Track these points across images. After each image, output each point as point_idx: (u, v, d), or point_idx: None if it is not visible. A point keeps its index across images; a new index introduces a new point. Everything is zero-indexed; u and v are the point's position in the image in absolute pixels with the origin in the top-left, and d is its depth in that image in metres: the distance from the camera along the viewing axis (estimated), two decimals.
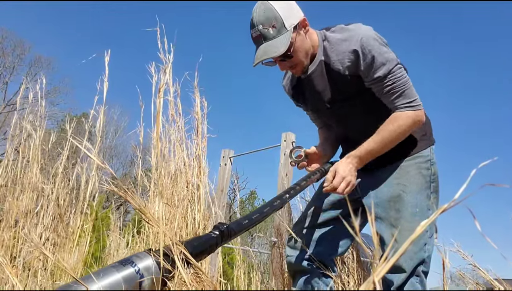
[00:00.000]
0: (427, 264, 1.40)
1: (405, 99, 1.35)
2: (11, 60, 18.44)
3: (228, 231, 1.13)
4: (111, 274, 0.91)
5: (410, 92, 1.36)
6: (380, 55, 1.32)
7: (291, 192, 1.37)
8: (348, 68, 1.36)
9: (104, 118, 2.05)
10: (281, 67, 1.44)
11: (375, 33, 1.35)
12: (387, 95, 1.37)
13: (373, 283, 0.38)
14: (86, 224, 2.22)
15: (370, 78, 1.35)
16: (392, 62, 1.33)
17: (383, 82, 1.34)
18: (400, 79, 1.34)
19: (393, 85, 1.34)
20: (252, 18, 1.34)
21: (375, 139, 1.37)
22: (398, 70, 1.34)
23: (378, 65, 1.32)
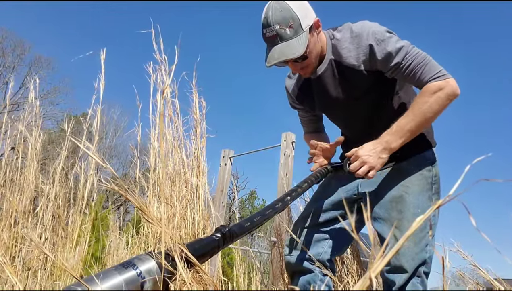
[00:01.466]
0: (428, 265, 1.40)
1: (431, 72, 1.30)
2: (11, 60, 18.46)
3: (230, 233, 1.13)
4: (113, 276, 0.90)
5: (432, 65, 1.31)
6: (393, 43, 1.31)
7: (293, 194, 1.37)
8: (364, 63, 1.36)
9: (101, 118, 2.05)
10: (293, 68, 1.43)
11: (382, 26, 1.35)
12: (411, 77, 1.33)
13: (370, 279, 0.38)
14: (85, 224, 2.22)
15: (389, 67, 1.34)
16: (405, 45, 1.32)
17: (402, 65, 1.32)
18: (417, 56, 1.31)
19: (413, 64, 1.31)
20: (267, 17, 1.31)
21: (407, 114, 1.32)
22: (413, 49, 1.33)
23: (394, 52, 1.31)
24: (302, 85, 1.57)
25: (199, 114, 1.79)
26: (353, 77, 1.40)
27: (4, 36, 18.11)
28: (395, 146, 1.33)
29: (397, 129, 1.32)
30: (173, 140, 1.76)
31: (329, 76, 1.44)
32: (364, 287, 0.39)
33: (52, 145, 2.52)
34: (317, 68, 1.44)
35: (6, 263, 1.10)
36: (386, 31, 1.34)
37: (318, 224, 1.57)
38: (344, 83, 1.43)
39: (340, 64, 1.41)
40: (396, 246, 0.41)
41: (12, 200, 2.05)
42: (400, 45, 1.31)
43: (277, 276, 2.85)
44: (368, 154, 1.33)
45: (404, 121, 1.31)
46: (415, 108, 1.31)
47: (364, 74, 1.37)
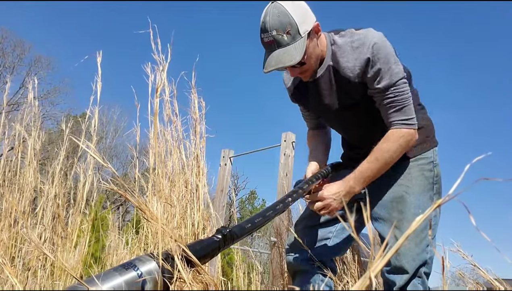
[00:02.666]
0: (429, 265, 1.40)
1: (402, 116, 1.34)
2: (11, 60, 18.45)
3: (230, 234, 1.13)
4: (114, 277, 0.91)
5: (408, 109, 1.34)
6: (388, 66, 1.30)
7: (294, 196, 1.37)
8: (358, 76, 1.35)
9: (100, 118, 2.05)
10: (292, 73, 1.41)
11: (385, 40, 1.33)
12: (386, 108, 1.35)
13: (369, 278, 0.38)
14: (85, 223, 2.21)
15: (373, 87, 1.34)
16: (397, 75, 1.31)
17: (384, 93, 1.33)
18: (402, 94, 1.33)
19: (393, 99, 1.33)
20: (264, 22, 1.29)
21: (369, 160, 1.36)
22: (402, 85, 1.33)
23: (383, 76, 1.31)
24: (298, 84, 1.57)
25: (198, 114, 1.79)
26: (348, 88, 1.39)
27: (4, 36, 18.12)
28: (358, 190, 1.40)
29: (360, 175, 1.37)
30: (172, 140, 1.76)
31: (325, 81, 1.43)
32: (363, 286, 0.39)
33: (52, 145, 2.51)
34: (317, 71, 1.43)
35: (5, 264, 1.10)
36: (386, 48, 1.31)
37: (319, 224, 1.56)
38: (339, 91, 1.42)
39: (337, 72, 1.39)
40: (396, 246, 0.40)
41: (12, 200, 2.05)
42: (391, 72, 1.31)
43: (277, 276, 2.84)
44: (332, 197, 1.39)
45: (366, 167, 1.37)
46: (378, 155, 1.35)
47: (358, 87, 1.37)
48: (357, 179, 1.37)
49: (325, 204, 1.39)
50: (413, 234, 1.37)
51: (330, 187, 1.41)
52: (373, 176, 1.38)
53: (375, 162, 1.35)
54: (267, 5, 1.32)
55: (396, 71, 1.31)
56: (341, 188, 1.39)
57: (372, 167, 1.36)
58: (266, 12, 1.30)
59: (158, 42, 1.59)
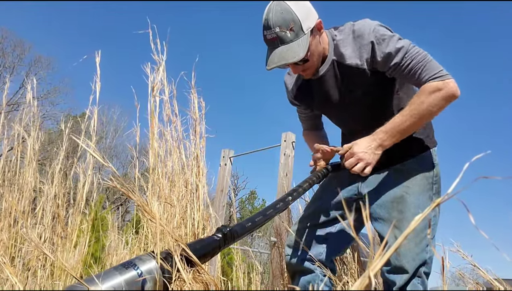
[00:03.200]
0: (428, 265, 1.40)
1: (430, 72, 1.28)
2: (11, 60, 18.44)
3: (231, 233, 1.13)
4: (114, 276, 0.91)
5: (432, 65, 1.29)
6: (393, 42, 1.30)
7: (294, 194, 1.37)
8: (366, 62, 1.34)
9: (99, 118, 2.05)
10: (294, 70, 1.41)
11: (383, 25, 1.34)
12: (410, 76, 1.32)
13: (369, 278, 0.38)
14: (84, 223, 2.21)
15: (388, 66, 1.33)
16: (405, 45, 1.31)
17: (401, 64, 1.31)
18: (418, 55, 1.30)
19: (412, 63, 1.30)
20: (267, 18, 1.29)
21: (403, 113, 1.31)
22: (413, 48, 1.31)
23: (393, 52, 1.30)
24: (301, 85, 1.56)
25: (198, 114, 1.79)
26: (355, 78, 1.39)
27: (4, 36, 18.11)
28: (388, 143, 1.33)
29: (392, 127, 1.31)
30: (171, 140, 1.76)
31: (330, 77, 1.43)
32: (363, 286, 0.39)
33: (52, 145, 2.52)
34: (319, 69, 1.43)
35: (6, 263, 1.10)
36: (387, 29, 1.33)
37: (319, 224, 1.56)
38: (345, 84, 1.42)
39: (341, 65, 1.39)
40: (395, 245, 0.40)
41: (12, 200, 2.05)
42: (400, 45, 1.30)
43: (277, 276, 2.84)
44: (363, 151, 1.33)
45: (399, 120, 1.31)
46: (411, 108, 1.30)
47: (367, 73, 1.36)
48: (388, 131, 1.32)
49: (358, 158, 1.33)
50: (413, 234, 1.37)
51: (359, 142, 1.36)
52: (405, 130, 1.32)
53: (409, 115, 1.29)
54: (270, 2, 1.32)
55: (402, 42, 1.31)
56: (371, 141, 1.34)
57: (406, 120, 1.30)
58: (269, 9, 1.30)
59: (157, 42, 1.59)
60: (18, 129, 2.22)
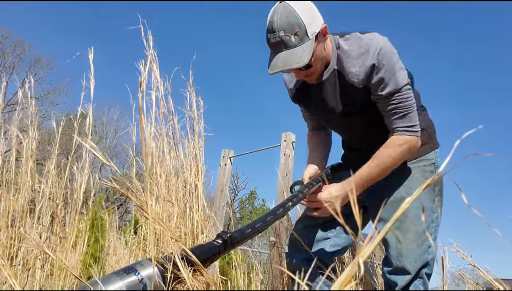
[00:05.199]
0: (430, 266, 1.40)
1: (406, 123, 1.33)
2: (11, 60, 18.45)
3: (231, 239, 1.13)
4: (114, 281, 0.91)
5: (412, 116, 1.33)
6: (392, 73, 1.29)
7: (294, 200, 1.37)
8: (362, 81, 1.33)
9: (98, 118, 2.04)
10: (297, 76, 1.39)
11: (391, 46, 1.31)
12: (389, 114, 1.34)
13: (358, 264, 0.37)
14: (82, 223, 2.21)
15: (377, 94, 1.32)
16: (402, 82, 1.30)
17: (388, 100, 1.32)
18: (406, 101, 1.31)
19: (397, 105, 1.31)
20: (272, 21, 1.25)
21: (370, 165, 1.36)
22: (406, 91, 1.31)
23: (388, 83, 1.29)
24: (300, 86, 1.55)
25: (196, 113, 1.78)
26: (353, 93, 1.38)
27: (4, 36, 18.12)
28: (357, 194, 1.40)
29: (360, 179, 1.37)
30: (168, 139, 1.75)
31: (330, 85, 1.42)
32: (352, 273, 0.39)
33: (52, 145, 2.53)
34: (322, 74, 1.41)
35: (5, 265, 1.10)
36: (391, 54, 1.29)
37: (319, 224, 1.56)
38: (343, 96, 1.41)
39: (342, 76, 1.38)
40: (384, 229, 0.40)
41: (10, 199, 2.04)
42: (396, 79, 1.29)
43: (277, 276, 2.84)
44: (330, 201, 1.39)
45: (366, 172, 1.36)
46: (378, 160, 1.35)
47: (362, 92, 1.35)
48: (357, 183, 1.37)
49: (322, 206, 1.39)
50: (415, 235, 1.37)
51: (328, 189, 1.40)
52: (372, 181, 1.37)
53: (376, 167, 1.35)
54: (275, 5, 1.28)
55: (400, 78, 1.30)
56: (340, 191, 1.39)
57: (373, 172, 1.35)
58: (274, 11, 1.26)
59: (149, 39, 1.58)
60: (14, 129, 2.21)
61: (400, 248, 1.37)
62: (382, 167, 1.35)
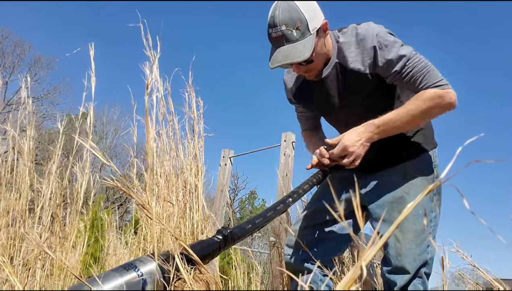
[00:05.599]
0: (429, 266, 1.40)
1: (431, 81, 1.28)
2: (11, 60, 18.44)
3: (231, 235, 1.13)
4: (114, 278, 0.91)
5: (433, 73, 1.29)
6: (395, 49, 1.29)
7: (294, 196, 1.36)
8: (369, 66, 1.33)
9: (99, 117, 2.04)
10: (297, 71, 1.39)
11: (386, 30, 1.33)
12: (411, 84, 1.31)
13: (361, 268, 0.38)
14: (82, 223, 2.21)
15: (389, 73, 1.32)
16: (407, 50, 1.30)
17: (403, 71, 1.30)
18: (419, 63, 1.29)
19: (413, 71, 1.29)
20: (273, 16, 1.26)
21: (398, 111, 1.30)
22: (416, 55, 1.30)
23: (395, 59, 1.29)
24: (301, 84, 1.55)
25: (196, 113, 1.79)
26: (357, 82, 1.37)
27: (4, 36, 18.11)
28: (378, 137, 1.33)
29: (385, 122, 1.31)
30: (168, 140, 1.75)
31: (332, 80, 1.42)
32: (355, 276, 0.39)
33: (53, 145, 2.53)
34: (322, 70, 1.41)
35: (5, 263, 1.10)
36: (390, 34, 1.32)
37: (318, 224, 1.56)
38: (347, 88, 1.41)
39: (344, 68, 1.38)
40: (387, 234, 0.40)
41: (10, 199, 2.04)
42: (402, 52, 1.29)
43: (277, 276, 2.84)
44: (353, 144, 1.32)
45: (393, 117, 1.30)
46: (408, 108, 1.29)
47: (369, 78, 1.35)
48: (380, 126, 1.31)
49: (348, 151, 1.33)
50: (414, 235, 1.37)
51: (349, 134, 1.34)
52: (397, 128, 1.32)
53: (404, 114, 1.29)
54: (276, 1, 1.29)
55: (404, 48, 1.30)
56: (362, 133, 1.33)
57: (400, 118, 1.29)
58: (276, 6, 1.27)
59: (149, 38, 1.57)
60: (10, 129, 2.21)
61: (399, 248, 1.37)
62: (411, 115, 1.28)
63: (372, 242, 0.40)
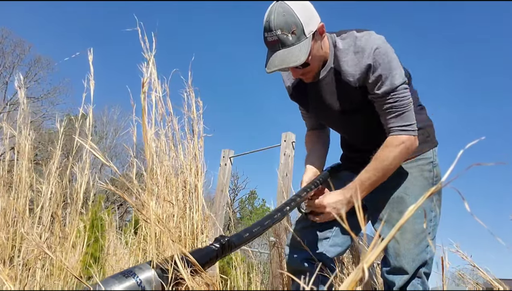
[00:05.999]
0: (428, 266, 1.40)
1: (402, 122, 1.32)
2: (11, 60, 18.45)
3: (228, 244, 1.13)
4: (113, 285, 0.91)
5: (408, 115, 1.32)
6: (389, 72, 1.28)
7: (292, 204, 1.37)
8: (359, 80, 1.33)
9: (98, 118, 2.04)
10: (294, 74, 1.39)
11: (387, 45, 1.31)
12: (385, 113, 1.34)
13: (362, 270, 0.37)
14: (82, 223, 2.21)
15: (373, 92, 1.32)
16: (398, 81, 1.29)
17: (385, 98, 1.31)
18: (402, 100, 1.30)
19: (393, 104, 1.31)
20: (269, 20, 1.25)
21: (368, 169, 1.35)
22: (402, 90, 1.31)
23: (384, 82, 1.29)
24: (297, 85, 1.54)
25: (196, 114, 1.79)
26: (349, 92, 1.37)
27: (4, 36, 18.12)
28: (357, 199, 1.38)
29: (360, 185, 1.36)
30: (167, 140, 1.75)
31: (328, 83, 1.41)
32: (357, 278, 0.39)
33: (53, 145, 2.53)
34: (319, 72, 1.41)
35: (3, 268, 1.10)
36: (388, 53, 1.29)
37: (318, 224, 1.56)
38: (340, 95, 1.40)
39: (339, 75, 1.38)
40: (388, 237, 0.40)
41: (10, 199, 2.04)
42: (392, 81, 1.29)
43: (277, 276, 2.84)
44: (332, 206, 1.38)
45: (365, 177, 1.35)
46: (377, 163, 1.33)
47: (358, 91, 1.35)
48: (358, 189, 1.36)
49: (324, 211, 1.39)
50: (413, 235, 1.37)
51: (331, 195, 1.40)
52: (373, 185, 1.36)
53: (374, 171, 1.34)
54: (272, 4, 1.28)
55: (396, 77, 1.29)
56: (341, 197, 1.38)
57: (372, 175, 1.34)
58: (271, 10, 1.26)
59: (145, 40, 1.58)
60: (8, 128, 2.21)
61: (397, 248, 1.37)
62: (381, 170, 1.33)
63: (373, 245, 0.40)
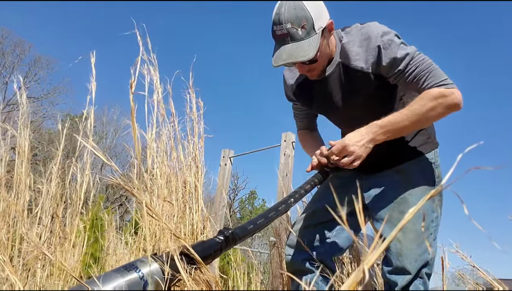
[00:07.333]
0: (430, 266, 1.40)
1: (435, 80, 1.26)
2: (11, 60, 18.44)
3: (232, 236, 1.12)
4: (115, 279, 0.91)
5: (437, 73, 1.27)
6: (399, 48, 1.28)
7: (296, 196, 1.36)
8: (372, 65, 1.31)
9: (98, 118, 2.04)
10: (300, 70, 1.38)
11: (391, 30, 1.32)
12: (414, 83, 1.29)
13: (363, 271, 0.37)
14: (82, 223, 2.21)
15: (392, 73, 1.31)
16: (411, 52, 1.29)
17: (406, 70, 1.28)
18: (423, 63, 1.28)
19: (417, 70, 1.28)
20: (279, 13, 1.24)
21: (403, 112, 1.28)
22: (419, 55, 1.29)
23: (398, 58, 1.28)
24: (302, 82, 1.54)
25: (196, 114, 1.79)
26: (359, 81, 1.36)
27: (4, 36, 18.11)
28: (381, 139, 1.31)
29: (388, 124, 1.29)
30: (168, 141, 1.76)
31: (335, 79, 1.41)
32: (357, 279, 0.39)
33: (53, 145, 2.53)
34: (324, 70, 1.40)
35: (6, 262, 1.10)
36: (395, 35, 1.31)
37: (319, 224, 1.56)
38: (349, 87, 1.40)
39: (347, 67, 1.37)
40: (389, 238, 0.40)
41: (10, 200, 2.04)
42: (405, 51, 1.28)
43: (277, 276, 2.84)
44: (355, 144, 1.31)
45: (397, 118, 1.29)
46: (412, 108, 1.28)
47: (371, 77, 1.34)
48: (383, 127, 1.30)
49: (348, 151, 1.31)
50: (415, 235, 1.37)
51: (352, 134, 1.33)
52: (401, 130, 1.30)
53: (408, 115, 1.27)
54: None
55: (408, 48, 1.29)
56: (365, 135, 1.31)
57: (404, 120, 1.27)
58: (281, 3, 1.26)
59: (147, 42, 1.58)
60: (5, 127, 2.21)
61: (400, 248, 1.37)
62: (415, 116, 1.26)
63: (374, 246, 0.40)
